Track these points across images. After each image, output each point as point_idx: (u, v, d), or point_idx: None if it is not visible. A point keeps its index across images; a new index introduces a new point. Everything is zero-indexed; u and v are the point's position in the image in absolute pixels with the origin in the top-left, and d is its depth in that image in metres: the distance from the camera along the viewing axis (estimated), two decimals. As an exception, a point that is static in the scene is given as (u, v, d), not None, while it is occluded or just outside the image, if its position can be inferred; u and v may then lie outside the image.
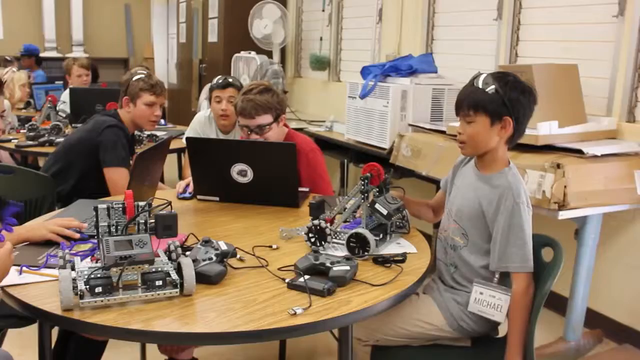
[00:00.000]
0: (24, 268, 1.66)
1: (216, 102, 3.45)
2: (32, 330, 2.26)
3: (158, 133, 4.15)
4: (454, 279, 1.97)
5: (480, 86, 1.86)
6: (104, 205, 1.50)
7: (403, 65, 3.82)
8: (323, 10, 5.73)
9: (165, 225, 1.50)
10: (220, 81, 3.49)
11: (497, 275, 1.87)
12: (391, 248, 1.91)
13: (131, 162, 3.02)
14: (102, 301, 1.43)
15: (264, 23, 5.76)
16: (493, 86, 1.84)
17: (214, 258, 1.62)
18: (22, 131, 4.15)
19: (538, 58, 3.56)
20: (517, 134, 1.89)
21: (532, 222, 1.86)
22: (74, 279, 1.45)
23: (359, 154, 4.04)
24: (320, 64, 5.62)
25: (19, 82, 3.74)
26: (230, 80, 3.51)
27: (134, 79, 3.12)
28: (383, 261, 1.77)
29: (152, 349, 2.58)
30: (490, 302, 1.86)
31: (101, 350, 2.20)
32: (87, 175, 3.00)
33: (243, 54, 5.66)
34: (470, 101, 1.88)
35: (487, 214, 1.87)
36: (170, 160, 3.54)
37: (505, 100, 1.83)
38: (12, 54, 7.15)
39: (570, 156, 2.69)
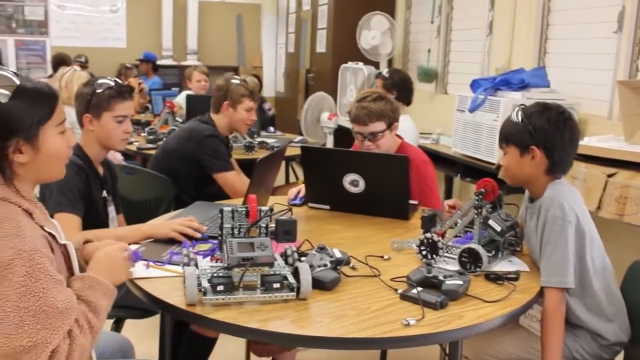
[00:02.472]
0: (151, 263, 1.77)
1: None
2: (147, 322, 2.42)
3: (268, 140, 4.28)
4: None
5: (511, 118, 1.89)
6: (229, 208, 1.58)
7: (514, 79, 3.74)
8: (432, 22, 5.71)
9: (285, 231, 1.57)
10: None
11: None
12: (503, 265, 1.89)
13: None
14: (223, 299, 1.51)
15: (372, 34, 5.81)
16: (520, 117, 1.86)
17: (329, 265, 1.67)
18: (142, 134, 4.41)
19: (662, 74, 3.39)
20: (554, 163, 1.85)
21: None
22: (198, 277, 1.54)
23: (466, 168, 3.99)
24: (427, 75, 5.59)
25: (79, 80, 3.98)
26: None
27: (234, 84, 3.25)
28: (495, 278, 1.75)
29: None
30: (539, 318, 1.83)
31: (212, 346, 2.31)
32: (188, 180, 3.16)
33: (350, 64, 5.73)
34: (501, 133, 1.93)
35: None
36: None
37: (530, 129, 1.83)
38: (134, 61, 7.61)
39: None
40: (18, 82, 1.33)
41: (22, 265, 1.22)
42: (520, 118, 1.86)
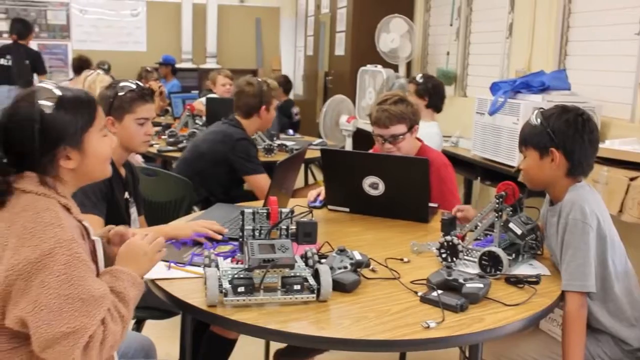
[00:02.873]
0: (172, 264, 1.79)
1: None
2: (166, 322, 2.44)
3: (287, 143, 4.30)
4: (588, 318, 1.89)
5: (530, 121, 1.90)
6: (250, 210, 1.60)
7: (535, 82, 3.72)
8: (451, 25, 5.69)
9: (306, 233, 1.57)
10: None
11: None
12: (523, 269, 1.88)
13: None
14: (243, 300, 1.52)
15: (390, 37, 5.81)
16: (539, 119, 1.86)
17: (349, 267, 1.67)
18: (162, 137, 4.45)
19: (685, 76, 3.34)
20: (574, 165, 1.84)
21: None
22: (219, 278, 1.55)
23: (486, 171, 3.97)
24: (446, 78, 5.57)
25: (101, 83, 4.07)
26: None
27: (265, 89, 3.29)
28: (516, 281, 1.74)
29: (275, 350, 2.68)
30: (560, 322, 1.81)
31: (231, 347, 2.32)
32: (217, 182, 3.21)
33: (369, 67, 5.73)
34: (520, 136, 1.94)
35: None
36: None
37: (548, 131, 1.83)
38: (153, 64, 7.69)
39: None
40: (59, 94, 1.39)
41: (62, 254, 1.26)
42: (539, 121, 1.86)
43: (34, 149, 1.35)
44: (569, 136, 1.82)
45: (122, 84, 2.36)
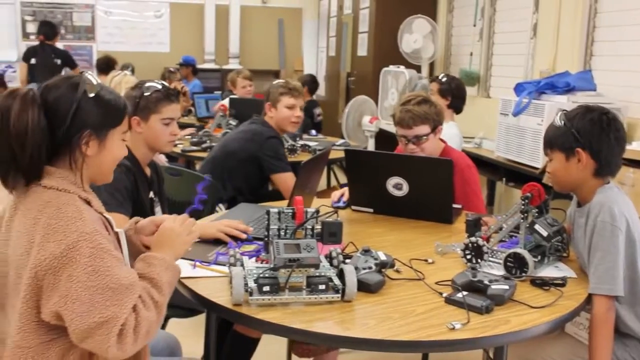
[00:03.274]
0: (197, 263, 1.80)
1: None
2: (189, 321, 2.46)
3: (310, 143, 4.31)
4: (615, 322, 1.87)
5: (554, 123, 1.88)
6: (276, 210, 1.60)
7: (560, 83, 3.69)
8: (474, 25, 5.66)
9: (331, 232, 1.58)
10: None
11: None
12: (549, 271, 1.86)
13: None
14: (269, 300, 1.53)
15: (413, 38, 5.79)
16: (562, 121, 1.85)
17: (373, 267, 1.67)
18: (186, 137, 4.49)
19: None
20: (602, 165, 1.81)
21: None
22: (245, 277, 1.56)
23: (510, 172, 3.95)
24: (469, 79, 5.54)
25: (127, 84, 4.11)
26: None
27: (272, 86, 3.34)
28: (542, 283, 1.73)
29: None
30: (586, 325, 1.80)
31: (255, 346, 2.33)
32: (245, 181, 3.24)
33: (392, 68, 5.72)
34: (545, 139, 1.92)
35: None
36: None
37: (573, 131, 1.81)
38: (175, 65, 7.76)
39: None
40: (100, 88, 1.46)
41: (85, 246, 1.29)
42: (562, 122, 1.84)
43: (63, 126, 1.38)
44: (594, 135, 1.80)
45: (147, 84, 2.38)
